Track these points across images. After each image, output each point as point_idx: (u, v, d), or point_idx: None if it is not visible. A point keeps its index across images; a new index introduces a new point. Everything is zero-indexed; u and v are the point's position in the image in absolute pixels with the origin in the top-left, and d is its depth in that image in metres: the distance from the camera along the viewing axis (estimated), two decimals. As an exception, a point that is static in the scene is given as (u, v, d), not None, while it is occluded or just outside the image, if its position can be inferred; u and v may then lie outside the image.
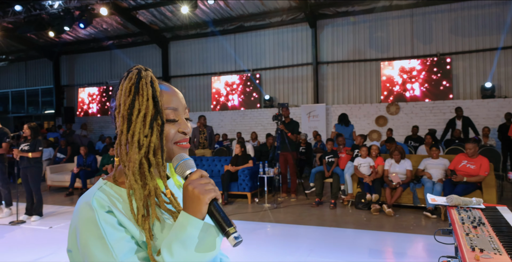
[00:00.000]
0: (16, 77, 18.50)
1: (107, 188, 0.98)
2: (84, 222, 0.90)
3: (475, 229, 2.03)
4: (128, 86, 0.98)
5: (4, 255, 4.66)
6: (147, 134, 0.96)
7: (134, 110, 0.97)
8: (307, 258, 4.17)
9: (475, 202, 2.52)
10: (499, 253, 1.67)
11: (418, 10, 11.45)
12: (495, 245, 1.77)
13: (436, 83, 11.20)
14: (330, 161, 7.16)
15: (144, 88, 0.98)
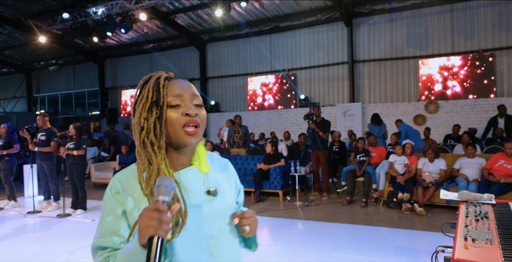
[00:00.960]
0: (65, 80, 19.51)
1: (130, 171, 1.17)
2: (104, 196, 1.16)
3: (477, 222, 2.05)
4: (140, 84, 1.16)
5: (52, 243, 5.04)
6: (147, 117, 1.11)
7: (138, 99, 1.14)
8: (331, 254, 4.23)
9: (486, 197, 2.52)
10: (490, 243, 1.70)
11: (459, 5, 11.13)
12: (490, 236, 1.79)
13: (478, 80, 10.84)
14: (362, 160, 7.13)
15: (148, 83, 1.15)
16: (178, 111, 1.12)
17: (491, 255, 1.56)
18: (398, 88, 12.07)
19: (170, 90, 1.14)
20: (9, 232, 5.72)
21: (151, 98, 1.12)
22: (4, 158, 7.42)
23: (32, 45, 16.48)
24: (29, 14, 13.70)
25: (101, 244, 1.08)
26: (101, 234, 1.09)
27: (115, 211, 1.10)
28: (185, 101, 1.14)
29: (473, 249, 1.65)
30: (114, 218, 1.10)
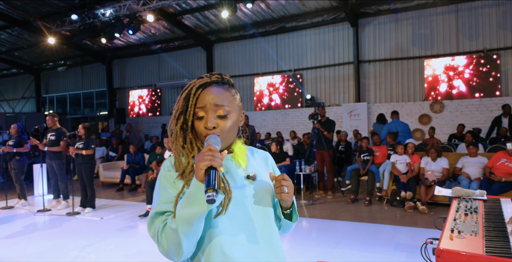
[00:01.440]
0: (73, 81, 19.74)
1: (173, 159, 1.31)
2: (159, 174, 1.30)
3: (466, 216, 2.15)
4: (181, 92, 1.32)
5: (61, 240, 5.18)
6: (176, 123, 1.28)
7: (175, 106, 1.31)
8: (333, 250, 4.33)
9: (478, 193, 2.61)
10: (475, 235, 1.79)
11: (464, 5, 11.15)
12: (476, 229, 1.89)
13: (483, 80, 10.87)
14: (366, 159, 7.22)
15: (183, 93, 1.29)
16: (202, 123, 1.26)
17: (474, 245, 1.66)
18: (403, 88, 12.12)
19: (199, 100, 1.27)
20: (20, 230, 5.88)
21: (180, 107, 1.28)
22: (15, 157, 7.60)
23: (41, 46, 16.71)
24: (38, 16, 13.91)
25: (161, 209, 1.20)
26: (160, 202, 1.22)
27: (170, 183, 1.24)
28: (208, 113, 1.26)
29: (458, 240, 1.75)
30: (170, 188, 1.24)
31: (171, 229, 1.12)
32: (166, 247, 1.14)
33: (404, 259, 3.99)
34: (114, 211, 7.03)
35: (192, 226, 1.10)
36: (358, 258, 4.11)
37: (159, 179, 1.28)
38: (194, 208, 1.09)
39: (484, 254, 1.56)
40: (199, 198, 1.09)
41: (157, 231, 1.16)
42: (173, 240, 1.12)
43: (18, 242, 5.20)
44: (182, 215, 1.10)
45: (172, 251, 1.14)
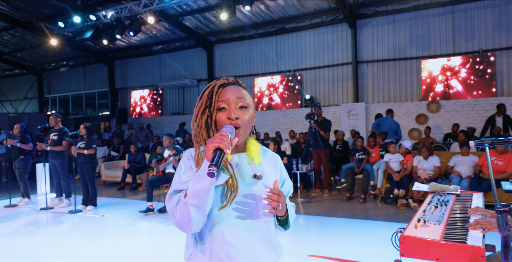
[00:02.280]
0: (75, 81, 19.95)
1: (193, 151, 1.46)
2: (180, 162, 1.46)
3: (435, 208, 2.32)
4: (203, 91, 1.48)
5: (64, 236, 5.39)
6: (201, 118, 1.43)
7: (198, 103, 1.46)
8: (325, 244, 4.51)
9: (452, 189, 2.78)
10: (438, 224, 1.97)
11: (460, 6, 11.30)
12: (441, 219, 2.06)
13: (479, 80, 11.02)
14: (361, 158, 7.39)
15: (206, 90, 1.46)
16: (224, 114, 1.41)
17: (434, 233, 1.83)
18: (401, 88, 12.27)
19: (220, 95, 1.43)
20: (24, 227, 6.07)
21: (205, 103, 1.43)
22: (19, 156, 7.79)
23: (43, 47, 16.93)
24: (40, 17, 14.12)
25: (179, 188, 1.37)
26: (179, 182, 1.39)
27: (189, 168, 1.41)
28: (230, 105, 1.42)
29: (422, 228, 1.92)
30: (190, 172, 1.39)
31: (183, 202, 1.27)
32: (178, 218, 1.29)
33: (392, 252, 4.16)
34: (115, 209, 7.21)
35: (199, 200, 1.25)
36: (348, 252, 4.28)
37: (180, 165, 1.44)
38: (201, 183, 1.24)
39: (440, 240, 1.73)
40: (205, 175, 1.24)
41: (173, 205, 1.32)
42: (183, 212, 1.27)
43: (22, 238, 5.39)
44: (191, 189, 1.26)
45: (183, 222, 1.28)
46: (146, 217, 6.48)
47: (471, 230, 1.87)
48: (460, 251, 1.66)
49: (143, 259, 4.37)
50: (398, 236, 1.86)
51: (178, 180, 1.40)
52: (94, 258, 4.42)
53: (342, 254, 4.23)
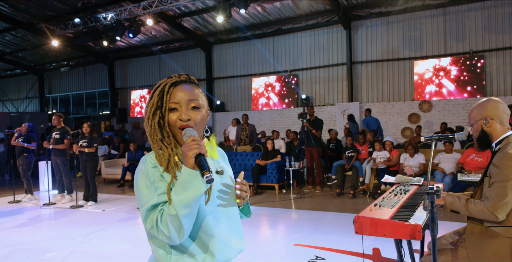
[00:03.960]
0: (76, 81, 20.27)
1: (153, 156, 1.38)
2: (139, 172, 1.36)
3: (395, 196, 2.63)
4: (152, 90, 1.44)
5: (67, 229, 5.70)
6: (152, 118, 1.38)
7: (149, 103, 1.41)
8: (310, 235, 4.82)
9: (415, 180, 3.09)
10: (391, 207, 2.27)
11: (451, 8, 11.60)
12: (396, 204, 2.36)
13: (469, 80, 11.32)
14: (350, 156, 7.70)
15: (156, 90, 1.41)
16: (176, 114, 1.38)
17: (384, 214, 2.13)
18: (394, 88, 12.58)
19: (172, 96, 1.39)
20: (28, 221, 6.38)
21: (156, 104, 1.38)
22: (23, 154, 8.11)
23: (44, 48, 17.24)
24: (42, 18, 14.42)
25: (153, 202, 1.28)
26: (152, 193, 1.30)
27: (159, 178, 1.32)
28: (182, 107, 1.39)
29: (375, 211, 2.23)
30: (162, 182, 1.32)
31: (170, 216, 1.23)
32: (168, 232, 1.23)
33: (371, 242, 4.46)
34: (115, 204, 7.53)
35: (191, 208, 1.24)
36: (332, 242, 4.58)
37: (146, 176, 1.32)
38: (190, 192, 1.22)
39: (387, 219, 2.03)
40: (193, 183, 1.23)
41: (155, 221, 1.25)
42: (174, 224, 1.23)
43: (27, 231, 5.70)
44: (180, 200, 1.22)
45: (174, 235, 1.24)
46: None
47: (417, 212, 2.18)
48: (402, 228, 1.95)
49: (142, 249, 4.68)
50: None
51: (150, 193, 1.30)
52: (96, 248, 4.74)
53: (326, 243, 4.53)
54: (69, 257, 4.39)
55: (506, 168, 2.02)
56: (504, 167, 2.03)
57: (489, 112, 2.27)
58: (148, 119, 1.39)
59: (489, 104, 2.28)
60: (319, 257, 4.08)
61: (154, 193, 1.29)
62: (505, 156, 2.05)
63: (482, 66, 11.15)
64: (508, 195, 1.99)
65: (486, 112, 2.28)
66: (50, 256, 4.44)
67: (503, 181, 2.01)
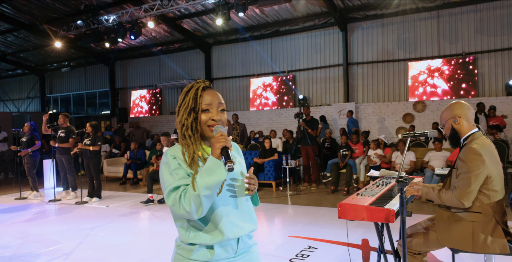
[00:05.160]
0: (77, 81, 20.54)
1: (176, 148, 1.63)
2: (162, 163, 1.61)
3: (376, 187, 2.92)
4: (184, 91, 1.66)
5: (73, 223, 6.00)
6: (187, 118, 1.61)
7: (182, 103, 1.64)
8: (304, 228, 5.13)
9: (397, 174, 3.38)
10: (371, 196, 2.57)
11: (445, 11, 11.91)
12: (376, 194, 2.65)
13: (462, 81, 11.64)
14: (345, 154, 8.00)
15: (190, 91, 1.63)
16: (208, 115, 1.60)
17: (364, 201, 2.41)
18: (389, 88, 12.89)
19: (204, 98, 1.61)
20: (35, 216, 6.67)
21: (190, 105, 1.60)
22: (28, 153, 8.39)
23: (46, 49, 17.50)
24: (44, 20, 14.68)
25: (175, 184, 1.52)
26: (174, 178, 1.53)
27: (178, 165, 1.56)
28: (214, 109, 1.62)
29: (356, 198, 2.52)
30: (180, 169, 1.55)
31: (193, 195, 1.44)
32: (189, 208, 1.45)
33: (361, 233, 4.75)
34: (118, 201, 7.83)
35: (211, 191, 1.45)
36: (325, 234, 4.88)
37: (167, 164, 1.57)
38: (213, 177, 1.44)
39: (366, 205, 2.33)
40: (217, 170, 1.45)
41: (178, 198, 1.47)
42: (195, 202, 1.44)
43: (35, 225, 5.99)
44: (203, 183, 1.44)
45: (193, 210, 1.45)
46: (147, 207, 7.09)
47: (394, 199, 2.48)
48: (378, 212, 2.24)
49: (144, 240, 4.98)
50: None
51: (172, 178, 1.53)
52: (103, 240, 5.03)
53: (319, 235, 4.83)
54: (78, 248, 4.68)
55: (469, 161, 2.32)
56: (468, 160, 2.33)
57: (457, 111, 2.55)
58: (182, 118, 1.62)
59: (456, 105, 2.57)
60: (311, 247, 4.38)
61: (175, 177, 1.53)
62: (469, 150, 2.35)
63: (475, 67, 11.46)
64: (472, 185, 2.29)
65: (454, 111, 2.56)
66: (60, 247, 4.73)
67: (467, 172, 2.31)
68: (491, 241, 2.31)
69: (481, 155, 2.31)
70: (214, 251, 1.58)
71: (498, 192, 2.37)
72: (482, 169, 2.30)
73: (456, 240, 2.38)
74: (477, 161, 2.30)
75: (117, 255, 4.42)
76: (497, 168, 2.39)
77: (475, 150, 2.33)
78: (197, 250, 1.58)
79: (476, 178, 2.29)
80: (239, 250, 1.66)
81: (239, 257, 1.67)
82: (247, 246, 1.71)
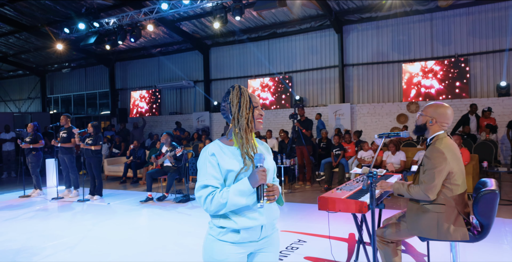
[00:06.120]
0: (77, 82, 20.83)
1: (217, 144, 1.93)
2: (201, 157, 1.90)
3: (356, 183, 3.20)
4: (237, 93, 1.93)
5: (76, 219, 6.28)
6: (248, 112, 1.92)
7: (241, 103, 1.92)
8: (296, 223, 5.40)
9: (378, 171, 3.65)
10: (349, 191, 2.85)
11: (438, 14, 12.19)
12: (354, 188, 2.93)
13: (454, 83, 11.92)
14: (337, 154, 8.27)
15: (244, 94, 1.93)
16: (257, 111, 1.95)
17: (342, 195, 2.69)
18: (383, 89, 13.17)
19: (253, 99, 1.95)
20: (39, 212, 6.94)
21: (248, 102, 1.92)
22: (32, 152, 8.66)
23: (47, 50, 17.78)
24: (46, 22, 14.96)
25: (206, 183, 1.83)
26: (206, 176, 1.84)
27: (214, 164, 1.85)
28: (259, 106, 1.98)
29: (335, 192, 2.79)
30: (214, 168, 1.85)
31: (220, 203, 1.76)
32: (211, 209, 1.79)
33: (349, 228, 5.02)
34: (118, 198, 8.10)
35: (236, 207, 1.78)
36: (315, 228, 5.15)
37: (207, 160, 1.86)
38: (242, 200, 1.77)
39: (342, 198, 2.60)
40: (248, 197, 1.78)
41: (205, 197, 1.79)
42: (219, 208, 1.77)
43: (40, 220, 6.26)
44: (233, 200, 1.76)
45: (210, 210, 1.80)
46: (146, 205, 7.36)
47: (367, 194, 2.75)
48: (352, 204, 2.52)
49: (144, 235, 5.25)
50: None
51: (204, 175, 1.84)
52: (104, 235, 5.30)
53: (309, 229, 5.11)
54: (81, 242, 4.95)
55: (433, 158, 2.60)
56: (432, 158, 2.60)
57: (438, 116, 2.78)
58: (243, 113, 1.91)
59: (444, 110, 2.78)
60: (301, 240, 4.66)
61: (207, 176, 1.83)
62: (433, 149, 2.63)
63: (467, 69, 11.74)
64: (436, 179, 2.56)
65: (436, 114, 2.79)
66: (64, 241, 5.00)
67: (431, 168, 2.59)
68: (453, 229, 2.59)
69: (443, 153, 2.59)
70: (240, 235, 1.85)
71: (460, 186, 2.64)
72: (444, 165, 2.58)
73: (423, 229, 2.65)
74: (440, 159, 2.58)
75: (118, 248, 4.69)
76: (458, 164, 2.66)
77: (438, 149, 2.61)
78: (226, 233, 1.86)
79: (440, 174, 2.57)
80: (262, 235, 1.93)
81: (261, 241, 1.95)
82: (270, 233, 2.00)
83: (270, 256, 2.01)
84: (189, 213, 6.56)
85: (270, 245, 2.01)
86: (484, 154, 8.41)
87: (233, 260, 1.86)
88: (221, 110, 2.02)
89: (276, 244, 2.06)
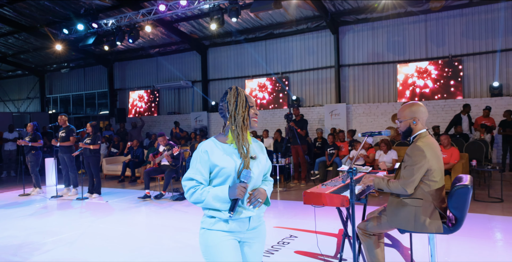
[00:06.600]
0: (76, 82, 20.97)
1: (212, 141, 2.07)
2: (195, 152, 2.06)
3: (341, 179, 3.36)
4: (234, 93, 2.08)
5: (75, 217, 6.43)
6: (244, 111, 2.06)
7: (238, 102, 2.07)
8: (288, 220, 5.57)
9: (364, 168, 3.82)
10: (333, 186, 3.01)
11: (432, 15, 12.36)
12: (338, 184, 3.10)
13: (448, 83, 12.09)
14: (331, 153, 8.43)
15: (240, 94, 2.08)
16: (252, 110, 2.10)
17: (326, 190, 2.85)
18: (379, 89, 13.34)
19: (249, 98, 2.11)
20: (39, 210, 7.09)
21: (245, 102, 2.07)
22: (31, 151, 8.81)
23: (46, 50, 17.91)
24: (45, 23, 15.10)
25: (191, 176, 2.01)
26: (194, 171, 2.02)
27: (204, 160, 2.01)
28: (254, 106, 2.14)
29: (320, 188, 2.95)
30: (202, 164, 2.01)
31: (199, 199, 1.96)
32: (190, 200, 1.99)
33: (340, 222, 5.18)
34: (117, 197, 8.26)
35: (212, 207, 1.98)
36: (305, 224, 5.31)
37: (199, 155, 2.02)
38: (217, 205, 1.95)
39: (326, 193, 2.76)
40: (223, 204, 1.95)
41: (188, 189, 1.99)
42: (196, 202, 1.98)
43: (39, 218, 6.41)
44: (209, 202, 1.95)
45: (192, 202, 2.01)
46: (144, 202, 7.52)
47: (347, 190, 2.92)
48: (335, 198, 2.68)
49: (141, 231, 5.40)
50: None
51: (194, 167, 2.01)
52: (102, 231, 5.46)
53: (301, 225, 5.27)
54: (80, 237, 5.11)
55: (413, 156, 2.76)
56: (412, 155, 2.77)
57: (418, 114, 2.94)
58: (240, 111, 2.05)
59: (418, 108, 2.94)
60: (292, 236, 4.82)
61: (195, 170, 2.01)
62: (414, 147, 2.79)
63: (460, 70, 11.92)
64: (415, 175, 2.73)
65: (415, 114, 2.95)
66: (64, 237, 5.16)
67: (411, 165, 2.75)
68: (429, 222, 2.75)
69: (423, 151, 2.75)
70: (229, 224, 2.02)
71: (438, 182, 2.81)
72: (424, 162, 2.74)
73: (402, 221, 2.82)
74: (420, 156, 2.74)
75: (116, 244, 4.85)
76: (438, 162, 2.83)
77: (419, 147, 2.77)
78: (217, 222, 2.02)
79: (418, 170, 2.73)
80: (250, 226, 2.10)
81: (249, 232, 2.12)
82: (257, 224, 2.17)
83: (257, 247, 2.18)
84: (186, 211, 6.72)
85: (257, 236, 2.18)
86: (475, 153, 8.59)
87: (227, 243, 2.01)
88: (219, 109, 2.15)
89: (263, 236, 2.23)
